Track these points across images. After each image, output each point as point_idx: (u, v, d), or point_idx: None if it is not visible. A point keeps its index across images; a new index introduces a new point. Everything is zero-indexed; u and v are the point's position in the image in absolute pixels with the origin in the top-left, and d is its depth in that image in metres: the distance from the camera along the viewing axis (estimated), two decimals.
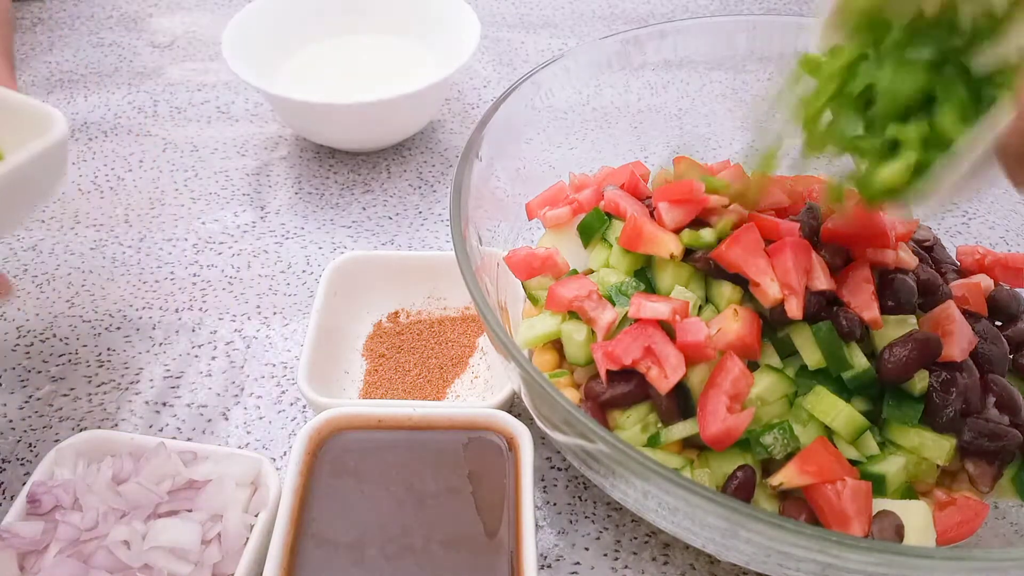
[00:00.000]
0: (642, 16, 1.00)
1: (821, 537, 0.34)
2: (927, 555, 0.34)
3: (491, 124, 0.54)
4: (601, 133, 0.66)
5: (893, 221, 0.49)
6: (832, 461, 0.42)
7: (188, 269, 0.67)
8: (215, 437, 0.55)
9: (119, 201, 0.73)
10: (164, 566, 0.42)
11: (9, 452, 0.54)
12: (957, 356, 0.44)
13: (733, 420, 0.43)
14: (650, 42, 0.64)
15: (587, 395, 0.47)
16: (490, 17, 0.99)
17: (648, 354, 0.44)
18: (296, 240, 0.70)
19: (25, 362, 0.60)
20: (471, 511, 0.44)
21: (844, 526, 0.41)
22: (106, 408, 0.57)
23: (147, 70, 0.90)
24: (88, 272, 0.66)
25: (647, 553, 0.49)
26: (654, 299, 0.46)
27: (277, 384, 0.59)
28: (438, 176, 0.77)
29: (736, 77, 0.68)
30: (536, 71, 0.58)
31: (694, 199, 0.49)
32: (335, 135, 0.75)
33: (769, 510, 0.43)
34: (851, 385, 0.44)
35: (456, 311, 0.62)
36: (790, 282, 0.43)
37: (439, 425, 0.47)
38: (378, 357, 0.59)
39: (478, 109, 0.85)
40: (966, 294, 0.49)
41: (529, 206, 0.57)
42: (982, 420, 0.44)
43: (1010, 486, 0.46)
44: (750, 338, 0.44)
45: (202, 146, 0.79)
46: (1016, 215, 0.60)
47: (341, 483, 0.45)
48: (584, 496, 0.52)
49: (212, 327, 0.62)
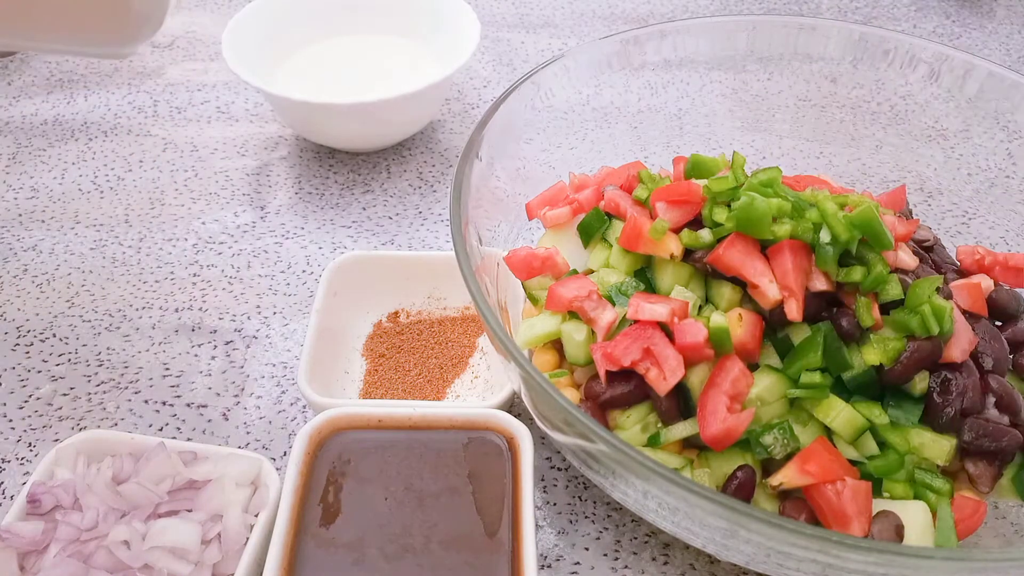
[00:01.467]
0: (642, 16, 1.00)
1: (821, 537, 0.34)
2: (927, 555, 0.34)
3: (491, 124, 0.54)
4: (601, 133, 0.66)
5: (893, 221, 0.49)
6: (832, 461, 0.42)
7: (188, 269, 0.67)
8: (215, 437, 0.55)
9: (119, 201, 0.73)
10: (164, 566, 0.42)
11: (9, 452, 0.54)
12: (957, 356, 0.44)
13: (733, 420, 0.42)
14: (650, 42, 0.64)
15: (587, 395, 0.47)
16: (490, 17, 0.99)
17: (647, 355, 0.44)
18: (296, 240, 0.70)
19: (25, 362, 0.60)
20: (471, 511, 0.44)
21: (844, 526, 0.41)
22: (106, 408, 0.57)
23: (147, 70, 0.90)
24: (88, 272, 0.66)
25: (647, 553, 0.49)
26: (652, 300, 0.46)
27: (277, 384, 0.59)
28: (438, 176, 0.77)
29: (736, 77, 0.68)
30: (536, 71, 0.58)
31: (693, 199, 0.49)
32: (335, 135, 0.75)
33: (769, 510, 0.43)
34: (851, 385, 0.44)
35: (456, 311, 0.62)
36: (789, 283, 0.43)
37: (439, 425, 0.47)
38: (378, 357, 0.59)
39: (478, 109, 0.85)
40: (966, 294, 0.49)
41: (529, 206, 0.57)
42: (982, 420, 0.44)
43: (1010, 486, 0.46)
44: (752, 343, 0.44)
45: (202, 146, 0.79)
46: (1016, 215, 0.60)
47: (341, 483, 0.45)
48: (584, 496, 0.52)
49: (212, 327, 0.62)
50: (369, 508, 0.44)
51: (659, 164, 0.65)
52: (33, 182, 0.75)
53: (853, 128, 0.67)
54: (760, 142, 0.70)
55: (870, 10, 1.02)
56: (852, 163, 0.68)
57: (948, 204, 0.64)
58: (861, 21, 1.00)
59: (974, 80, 0.60)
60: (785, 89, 0.68)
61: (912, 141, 0.65)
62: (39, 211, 0.72)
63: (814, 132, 0.68)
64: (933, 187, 0.64)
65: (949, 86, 0.62)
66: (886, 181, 0.66)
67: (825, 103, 0.68)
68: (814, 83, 0.67)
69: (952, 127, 0.63)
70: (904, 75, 0.63)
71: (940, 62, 0.62)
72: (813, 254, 0.45)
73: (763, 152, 0.70)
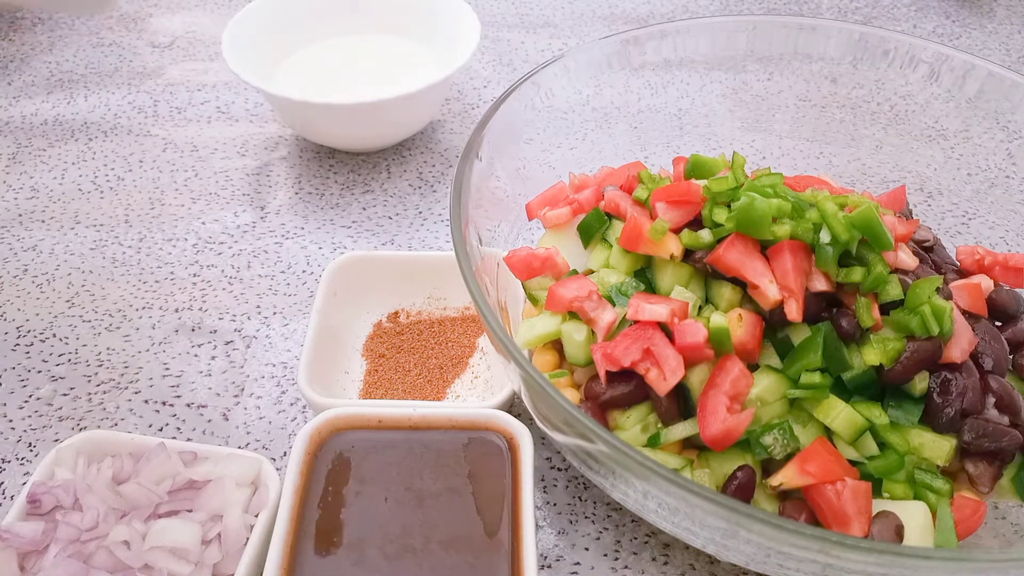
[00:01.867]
0: (642, 16, 1.00)
1: (821, 537, 0.34)
2: (927, 555, 0.34)
3: (491, 124, 0.54)
4: (601, 133, 0.66)
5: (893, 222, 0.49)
6: (832, 461, 0.42)
7: (188, 269, 0.67)
8: (215, 437, 0.55)
9: (119, 201, 0.73)
10: (164, 566, 0.42)
11: (9, 452, 0.54)
12: (957, 357, 0.44)
13: (733, 421, 0.42)
14: (650, 42, 0.64)
15: (587, 395, 0.47)
16: (490, 17, 0.99)
17: (647, 356, 0.44)
18: (296, 240, 0.70)
19: (25, 362, 0.60)
20: (471, 511, 0.44)
21: (844, 526, 0.41)
22: (106, 408, 0.57)
23: (147, 70, 0.90)
24: (88, 272, 0.66)
25: (647, 553, 0.49)
26: (652, 301, 0.46)
27: (277, 384, 0.59)
28: (438, 176, 0.77)
29: (736, 77, 0.68)
30: (536, 71, 0.58)
31: (693, 199, 0.49)
32: (335, 135, 0.75)
33: (769, 510, 0.43)
34: (851, 386, 0.44)
35: (456, 311, 0.62)
36: (789, 284, 0.43)
37: (439, 425, 0.47)
38: (378, 357, 0.59)
39: (478, 109, 0.85)
40: (966, 294, 0.49)
41: (529, 206, 0.57)
42: (982, 420, 0.44)
43: (1010, 486, 0.46)
44: (752, 343, 0.44)
45: (202, 146, 0.79)
46: (1016, 215, 0.60)
47: (341, 483, 0.45)
48: (584, 496, 0.52)
49: (212, 327, 0.62)
50: (369, 508, 0.44)
51: (659, 164, 0.65)
52: (33, 182, 0.75)
53: (853, 128, 0.67)
54: (760, 142, 0.70)
55: (870, 10, 1.02)
56: (852, 163, 0.68)
57: (948, 204, 0.64)
58: (861, 21, 1.00)
59: (974, 80, 0.60)
60: (785, 89, 0.68)
61: (912, 141, 0.65)
62: (39, 211, 0.72)
63: (814, 132, 0.68)
64: (933, 187, 0.64)
65: (949, 86, 0.62)
66: (886, 181, 0.66)
67: (825, 103, 0.68)
68: (814, 83, 0.67)
69: (952, 127, 0.63)
70: (904, 75, 0.63)
71: (940, 62, 0.62)
72: (813, 254, 0.45)
73: (763, 152, 0.70)
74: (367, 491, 0.44)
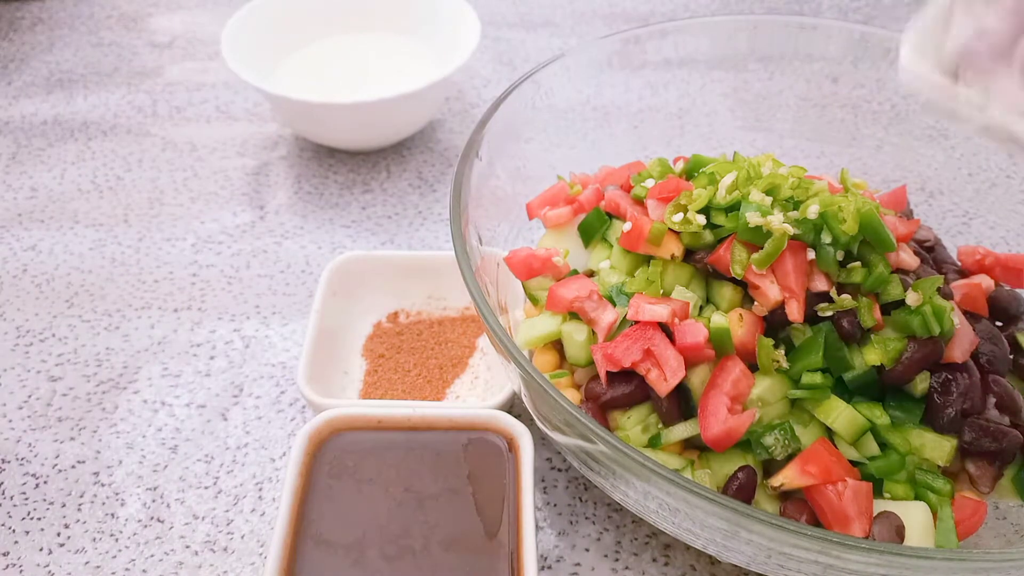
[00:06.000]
0: (643, 15, 1.00)
1: (822, 538, 0.34)
2: (927, 556, 0.34)
3: (491, 124, 0.53)
4: (601, 133, 0.66)
5: (894, 222, 0.48)
6: (833, 462, 0.42)
7: (187, 269, 0.67)
8: (214, 437, 0.55)
9: (118, 201, 0.73)
10: None
11: (9, 452, 0.54)
12: (958, 357, 0.44)
13: (734, 421, 0.42)
14: (651, 41, 0.64)
15: (587, 396, 0.47)
16: (490, 16, 0.99)
17: (648, 356, 0.44)
18: (295, 240, 0.70)
19: (25, 362, 0.59)
20: (471, 512, 0.44)
21: (845, 527, 0.41)
22: (105, 408, 0.57)
23: (146, 70, 0.89)
24: (87, 272, 0.66)
25: (648, 554, 0.49)
26: (653, 301, 0.46)
27: (276, 384, 0.58)
28: (438, 176, 0.77)
29: (737, 77, 0.68)
30: (536, 70, 0.58)
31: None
32: (335, 135, 0.75)
33: (770, 511, 0.43)
34: (852, 386, 0.44)
35: (456, 311, 0.62)
36: (790, 284, 0.43)
37: (439, 426, 0.47)
38: (378, 357, 0.59)
39: (478, 109, 0.85)
40: (967, 294, 0.49)
41: (529, 206, 0.57)
42: (983, 421, 0.44)
43: (1010, 486, 0.46)
44: (752, 344, 0.44)
45: (201, 146, 0.79)
46: (1016, 215, 0.60)
47: (341, 484, 0.45)
48: (585, 497, 0.52)
49: (211, 327, 0.62)
50: (369, 509, 0.44)
51: None
52: (33, 182, 0.75)
53: (854, 128, 0.67)
54: (761, 141, 0.70)
55: (871, 10, 1.02)
56: (853, 163, 0.67)
57: (949, 204, 0.64)
58: (862, 21, 1.00)
59: None
60: (786, 88, 0.68)
61: (913, 141, 0.65)
62: (39, 211, 0.72)
63: (815, 132, 0.68)
64: (934, 187, 0.64)
65: None
66: (887, 181, 0.66)
67: (826, 103, 0.67)
68: (815, 83, 0.67)
69: (953, 127, 0.63)
70: None
71: None
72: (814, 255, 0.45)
73: (764, 151, 0.69)
74: (367, 492, 0.44)
